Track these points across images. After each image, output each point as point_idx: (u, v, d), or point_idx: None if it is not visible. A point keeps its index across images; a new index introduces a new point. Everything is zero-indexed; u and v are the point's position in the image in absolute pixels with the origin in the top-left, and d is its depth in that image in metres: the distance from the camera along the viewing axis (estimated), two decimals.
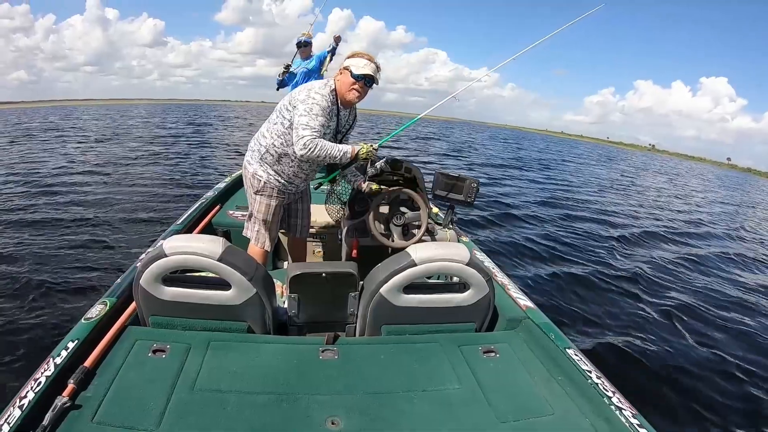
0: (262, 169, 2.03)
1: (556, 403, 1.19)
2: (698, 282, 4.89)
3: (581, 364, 1.31)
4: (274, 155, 2.00)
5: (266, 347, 1.34)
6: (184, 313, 1.38)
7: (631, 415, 1.12)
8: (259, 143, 2.04)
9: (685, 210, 10.74)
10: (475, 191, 2.36)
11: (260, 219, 2.11)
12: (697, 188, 19.46)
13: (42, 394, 1.06)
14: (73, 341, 1.24)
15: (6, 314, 2.89)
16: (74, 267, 3.70)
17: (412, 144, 19.44)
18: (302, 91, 1.90)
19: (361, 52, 1.94)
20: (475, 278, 1.43)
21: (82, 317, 1.38)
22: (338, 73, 1.97)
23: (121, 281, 1.62)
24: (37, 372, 1.13)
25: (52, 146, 12.61)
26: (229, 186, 3.32)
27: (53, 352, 1.20)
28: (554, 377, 1.29)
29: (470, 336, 1.48)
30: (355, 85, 1.92)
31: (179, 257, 1.30)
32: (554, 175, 14.63)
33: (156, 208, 5.87)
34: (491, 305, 1.51)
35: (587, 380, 1.24)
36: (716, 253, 6.33)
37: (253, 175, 2.06)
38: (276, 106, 2.01)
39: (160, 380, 1.15)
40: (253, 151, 2.07)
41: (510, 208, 7.62)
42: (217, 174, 8.27)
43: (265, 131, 2.02)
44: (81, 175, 8.06)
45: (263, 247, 2.14)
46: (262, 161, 2.03)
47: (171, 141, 15.08)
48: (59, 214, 5.38)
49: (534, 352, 1.42)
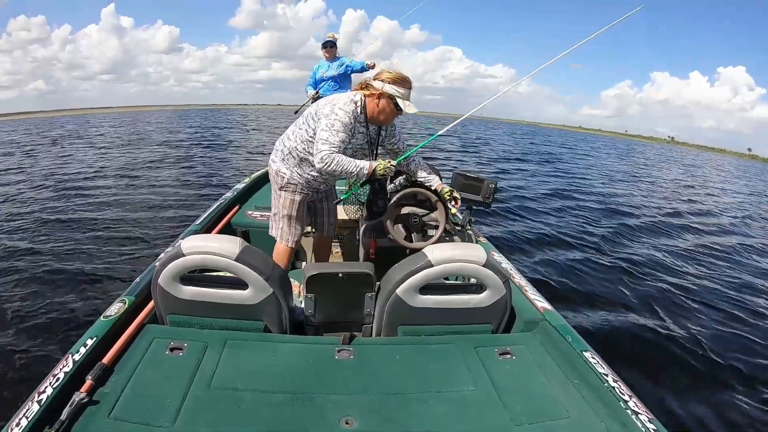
0: (285, 166, 2.06)
1: (571, 406, 1.17)
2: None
3: (598, 367, 1.28)
4: (296, 158, 2.03)
5: (282, 347, 1.34)
6: (202, 312, 1.39)
7: (648, 419, 1.09)
8: (284, 144, 2.07)
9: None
10: (492, 192, 2.36)
11: (285, 215, 2.12)
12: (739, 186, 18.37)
13: (60, 389, 1.07)
14: (91, 338, 1.26)
15: (26, 310, 3.02)
16: (93, 265, 3.83)
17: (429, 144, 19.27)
18: (327, 105, 1.92)
19: (402, 76, 1.91)
20: (492, 279, 1.41)
21: (101, 315, 1.40)
22: (371, 88, 1.94)
23: (139, 280, 1.64)
24: (55, 368, 1.15)
25: (73, 152, 13.16)
26: (249, 186, 3.32)
27: (72, 349, 1.22)
28: (570, 380, 1.27)
29: (486, 338, 1.47)
30: (387, 108, 1.92)
31: (197, 257, 1.31)
32: (571, 169, 14.36)
33: (175, 209, 6.02)
34: (508, 307, 1.49)
35: (603, 383, 1.22)
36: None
37: (276, 172, 2.09)
38: (306, 111, 2.03)
39: (176, 378, 1.16)
40: (278, 150, 2.10)
41: (526, 201, 7.54)
42: (236, 175, 8.39)
43: (291, 134, 2.05)
44: (102, 179, 8.35)
45: (288, 244, 2.15)
46: (284, 161, 2.06)
47: (188, 144, 15.43)
48: (81, 214, 5.61)
49: (550, 355, 1.39)
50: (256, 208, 2.93)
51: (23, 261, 3.94)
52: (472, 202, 2.41)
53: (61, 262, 3.88)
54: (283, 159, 2.06)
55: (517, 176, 11.53)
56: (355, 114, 1.90)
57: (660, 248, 5.52)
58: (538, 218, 6.42)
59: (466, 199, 2.39)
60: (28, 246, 4.38)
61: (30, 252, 4.19)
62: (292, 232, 2.14)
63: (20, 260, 3.95)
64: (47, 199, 6.61)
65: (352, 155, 1.98)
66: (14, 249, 4.29)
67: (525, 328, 1.56)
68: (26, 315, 2.96)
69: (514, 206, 7.02)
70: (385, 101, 1.91)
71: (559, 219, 6.52)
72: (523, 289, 1.74)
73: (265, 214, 2.76)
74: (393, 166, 1.98)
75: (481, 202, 2.39)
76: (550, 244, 5.22)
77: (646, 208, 8.33)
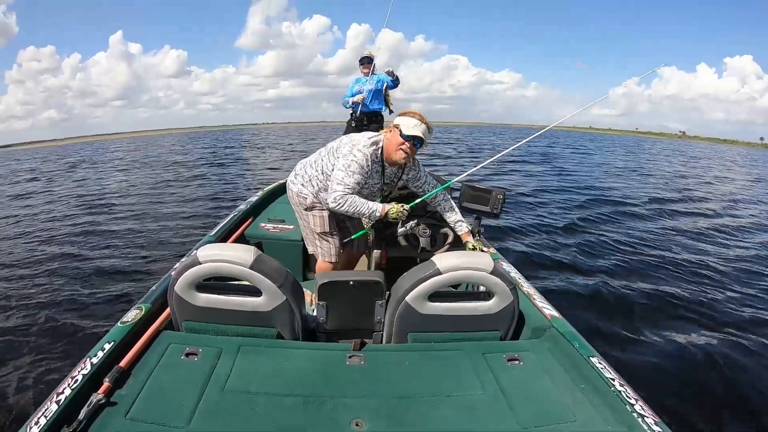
0: (306, 190, 2.08)
1: (578, 410, 1.18)
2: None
3: (605, 372, 1.28)
4: (316, 186, 2.05)
5: (295, 352, 1.37)
6: (216, 319, 1.42)
7: (654, 422, 1.10)
8: (305, 171, 2.09)
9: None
10: (501, 202, 2.38)
11: (319, 233, 2.13)
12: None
13: (78, 390, 1.10)
14: (109, 343, 1.30)
15: (46, 316, 3.19)
16: (110, 276, 4.05)
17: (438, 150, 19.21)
18: (347, 145, 1.95)
19: (413, 111, 1.93)
20: (499, 286, 1.43)
21: (118, 321, 1.43)
22: (388, 130, 1.98)
23: (155, 288, 1.68)
24: (74, 370, 1.18)
25: (92, 175, 13.81)
26: (262, 199, 3.38)
27: (90, 353, 1.25)
28: (577, 385, 1.28)
29: (495, 344, 1.49)
30: (403, 145, 1.91)
31: (212, 265, 1.34)
32: (580, 170, 14.14)
33: (189, 222, 6.24)
34: (516, 313, 1.51)
35: (610, 388, 1.22)
36: None
37: (298, 194, 2.09)
38: (330, 144, 2.06)
39: (191, 381, 1.19)
40: (298, 174, 2.12)
41: (536, 208, 7.38)
42: (250, 189, 8.58)
43: (313, 162, 2.07)
44: (121, 197, 8.74)
45: (330, 259, 2.16)
46: (305, 186, 2.08)
47: (201, 163, 15.85)
48: (102, 228, 5.97)
49: (558, 360, 1.40)
50: (269, 220, 2.98)
51: (48, 271, 4.25)
52: (480, 213, 2.43)
53: (77, 274, 4.11)
54: (303, 183, 2.08)
55: (524, 179, 11.39)
56: (373, 156, 1.92)
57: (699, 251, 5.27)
58: (547, 225, 6.21)
59: (475, 210, 2.42)
60: (52, 257, 4.75)
61: (54, 262, 4.54)
62: (332, 247, 2.15)
63: (45, 270, 4.28)
64: (70, 216, 7.10)
65: (367, 196, 2.00)
66: (37, 260, 4.66)
67: (533, 335, 1.57)
68: (45, 319, 3.13)
69: (525, 215, 6.88)
70: (396, 131, 1.92)
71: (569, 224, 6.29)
72: (531, 297, 1.75)
73: (278, 227, 2.83)
74: (406, 210, 2.00)
75: (489, 213, 2.40)
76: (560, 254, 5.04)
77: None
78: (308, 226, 2.14)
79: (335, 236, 2.17)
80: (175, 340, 1.37)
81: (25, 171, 17.30)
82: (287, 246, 2.72)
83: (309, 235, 2.19)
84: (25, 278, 4.10)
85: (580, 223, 6.41)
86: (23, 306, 3.43)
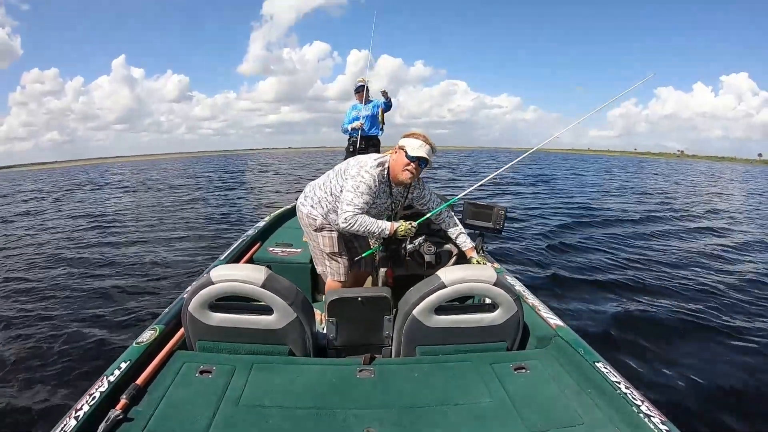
0: (316, 211, 2.12)
1: (585, 414, 1.20)
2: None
3: (610, 375, 1.31)
4: (325, 208, 2.10)
5: (306, 368, 1.39)
6: (229, 338, 1.45)
7: (660, 422, 1.12)
8: (314, 192, 2.14)
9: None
10: (503, 218, 2.42)
11: (329, 253, 2.16)
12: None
13: (96, 407, 1.13)
14: (125, 362, 1.33)
15: (64, 337, 3.28)
16: (124, 299, 4.10)
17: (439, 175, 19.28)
18: (355, 166, 2.00)
19: (418, 132, 1.99)
20: (503, 297, 1.46)
21: (133, 341, 1.46)
22: (393, 151, 2.03)
23: (168, 310, 1.71)
24: (91, 388, 1.20)
25: (98, 197, 14.06)
26: (270, 224, 3.42)
27: (107, 371, 1.28)
28: (584, 390, 1.30)
29: (501, 354, 1.51)
30: (408, 166, 1.96)
31: (225, 284, 1.38)
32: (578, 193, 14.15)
33: (199, 246, 6.26)
34: (521, 323, 1.53)
35: (616, 391, 1.24)
36: None
37: (308, 215, 2.14)
38: (338, 166, 2.12)
39: (206, 397, 1.21)
40: (308, 197, 2.17)
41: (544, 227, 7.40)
42: (260, 213, 8.59)
43: (322, 184, 2.13)
44: (131, 221, 8.82)
45: (339, 278, 2.20)
46: (314, 207, 2.13)
47: (207, 187, 16.01)
48: (112, 256, 5.95)
49: (564, 367, 1.42)
50: (277, 244, 3.01)
51: (61, 291, 4.36)
52: (483, 229, 2.47)
53: (94, 297, 4.19)
54: (312, 205, 2.12)
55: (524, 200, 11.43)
56: (380, 177, 1.98)
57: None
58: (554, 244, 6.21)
59: (478, 226, 2.45)
60: (63, 277, 4.86)
61: (65, 283, 4.65)
62: (340, 266, 2.19)
63: (58, 290, 4.38)
64: (79, 239, 7.23)
65: (375, 215, 2.05)
66: (50, 281, 4.76)
67: (539, 344, 1.59)
68: (63, 339, 3.23)
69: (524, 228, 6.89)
70: (401, 152, 1.98)
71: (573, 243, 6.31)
72: (536, 308, 1.78)
73: (286, 250, 2.88)
74: (414, 227, 2.05)
75: (492, 229, 2.44)
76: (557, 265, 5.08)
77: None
78: (318, 246, 2.17)
79: (344, 256, 2.20)
80: (189, 359, 1.40)
81: (29, 191, 17.62)
82: (296, 269, 2.74)
83: (318, 255, 2.21)
84: (36, 297, 4.23)
85: (582, 240, 6.47)
86: (28, 325, 3.53)
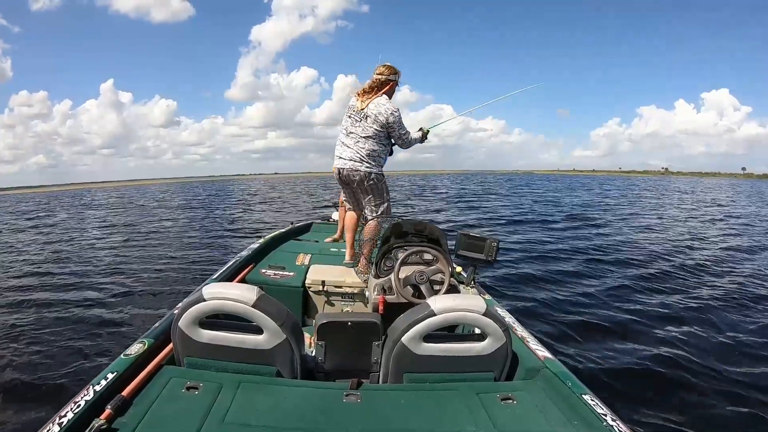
0: (376, 169, 2.71)
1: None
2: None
3: (597, 407, 1.31)
4: (383, 157, 2.77)
5: (293, 390, 1.38)
6: (218, 356, 1.44)
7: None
8: (369, 150, 2.67)
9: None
10: (495, 250, 2.45)
11: (388, 197, 2.85)
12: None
13: (80, 415, 1.12)
14: (112, 373, 1.32)
15: (52, 346, 3.44)
16: (115, 313, 4.25)
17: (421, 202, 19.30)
18: (387, 109, 2.62)
19: (384, 66, 2.72)
20: (492, 327, 1.46)
21: (121, 353, 1.46)
22: (389, 83, 2.70)
23: (158, 324, 1.71)
24: (76, 396, 1.20)
25: (89, 220, 14.09)
26: (263, 247, 3.40)
27: (93, 381, 1.27)
28: (570, 421, 1.30)
29: (489, 385, 1.51)
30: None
31: (217, 302, 1.39)
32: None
33: (191, 267, 6.29)
34: (509, 354, 1.54)
35: (602, 423, 1.24)
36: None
37: (377, 175, 2.73)
38: (363, 123, 2.66)
39: (192, 413, 1.20)
40: (364, 158, 2.68)
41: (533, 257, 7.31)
42: (257, 234, 8.54)
43: (371, 142, 2.67)
44: (120, 245, 8.81)
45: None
46: (376, 163, 2.71)
47: (197, 210, 16.06)
48: (102, 275, 6.03)
49: (551, 399, 1.42)
50: (270, 267, 3.00)
51: (53, 307, 4.51)
52: (476, 261, 2.49)
53: (84, 310, 4.35)
54: (374, 162, 2.69)
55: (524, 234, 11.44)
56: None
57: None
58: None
59: (470, 257, 2.48)
60: (56, 295, 5.01)
61: (57, 300, 4.77)
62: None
63: (50, 307, 4.53)
64: (68, 260, 7.34)
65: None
66: (43, 298, 4.92)
67: (527, 375, 1.59)
68: (51, 350, 3.36)
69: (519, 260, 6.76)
70: (392, 84, 2.73)
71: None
72: (525, 340, 1.79)
73: (279, 273, 2.87)
74: (428, 130, 2.99)
75: (484, 260, 2.46)
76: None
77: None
78: (384, 196, 2.80)
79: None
80: (176, 374, 1.38)
81: (21, 213, 17.42)
82: (287, 292, 2.74)
83: (383, 201, 2.81)
84: (25, 312, 4.38)
85: (571, 272, 6.10)
86: (22, 336, 3.66)
